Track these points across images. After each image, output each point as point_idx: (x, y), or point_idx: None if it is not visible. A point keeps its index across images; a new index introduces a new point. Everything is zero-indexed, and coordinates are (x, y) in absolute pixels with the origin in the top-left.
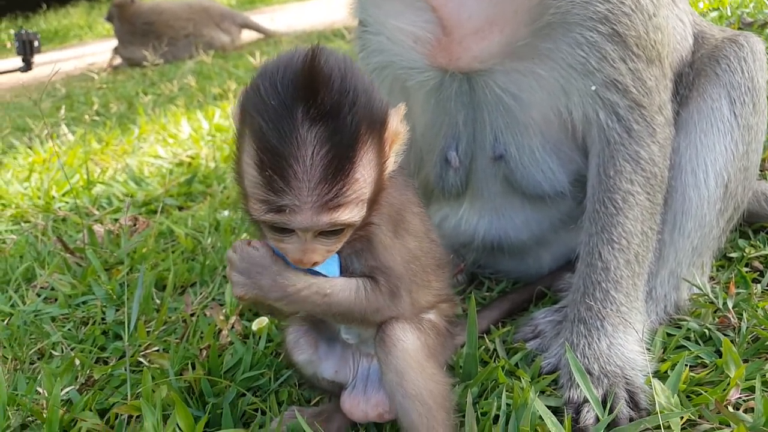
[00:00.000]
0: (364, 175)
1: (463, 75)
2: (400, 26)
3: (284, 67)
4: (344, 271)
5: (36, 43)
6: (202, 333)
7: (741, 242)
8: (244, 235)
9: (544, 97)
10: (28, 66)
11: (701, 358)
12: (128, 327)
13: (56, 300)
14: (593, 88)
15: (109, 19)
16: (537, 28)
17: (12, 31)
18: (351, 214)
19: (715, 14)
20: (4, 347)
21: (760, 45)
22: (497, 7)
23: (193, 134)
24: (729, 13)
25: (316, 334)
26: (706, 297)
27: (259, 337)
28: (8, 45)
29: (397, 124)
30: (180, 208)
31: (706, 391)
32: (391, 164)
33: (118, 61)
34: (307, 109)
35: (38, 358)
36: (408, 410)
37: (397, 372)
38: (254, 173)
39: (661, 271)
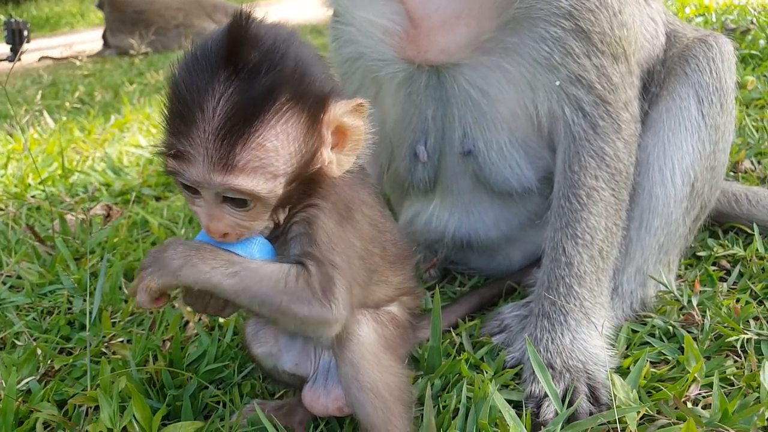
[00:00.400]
0: (276, 146)
1: (432, 68)
2: (369, 18)
3: (220, 30)
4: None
5: (25, 33)
6: (167, 324)
7: (710, 241)
8: None
9: (511, 92)
10: (15, 55)
11: (664, 354)
12: (90, 317)
13: (22, 289)
14: (557, 83)
15: (100, 6)
16: (503, 22)
17: (2, 17)
18: (252, 183)
19: (700, 19)
20: None
21: (728, 46)
22: (464, 1)
23: None
24: (714, 19)
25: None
26: (672, 294)
27: (226, 329)
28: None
29: (344, 113)
30: (157, 198)
31: (666, 387)
32: (330, 152)
33: (99, 49)
34: (225, 62)
35: (1, 347)
36: (363, 403)
37: (352, 365)
38: (163, 116)
39: (628, 268)
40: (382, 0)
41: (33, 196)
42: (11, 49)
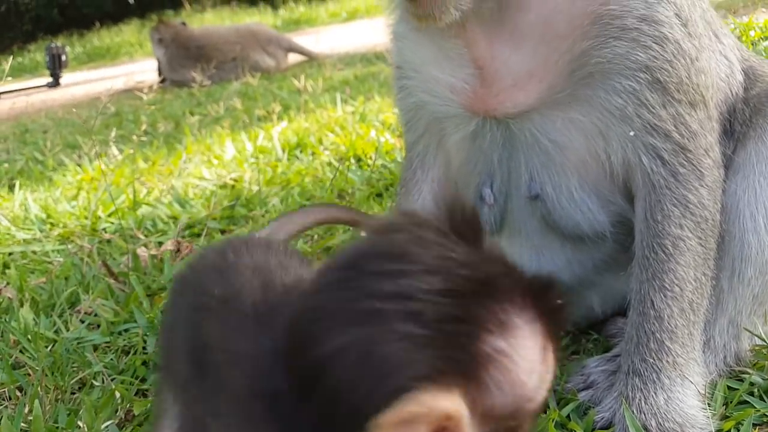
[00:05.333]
0: None
1: (499, 120)
2: (436, 75)
3: None
4: None
5: (64, 58)
6: None
7: None
8: None
9: (582, 140)
10: (56, 81)
11: (767, 416)
12: None
13: (99, 326)
14: (632, 133)
15: (160, 41)
16: (577, 78)
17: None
18: None
19: (767, 43)
20: (47, 376)
21: None
22: (538, 58)
23: (237, 156)
24: None
25: None
26: None
27: None
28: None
29: None
30: (222, 232)
31: None
32: None
33: (158, 80)
34: None
35: (79, 388)
36: None
37: None
38: None
39: (720, 320)
40: (454, 61)
41: (104, 229)
42: (51, 75)
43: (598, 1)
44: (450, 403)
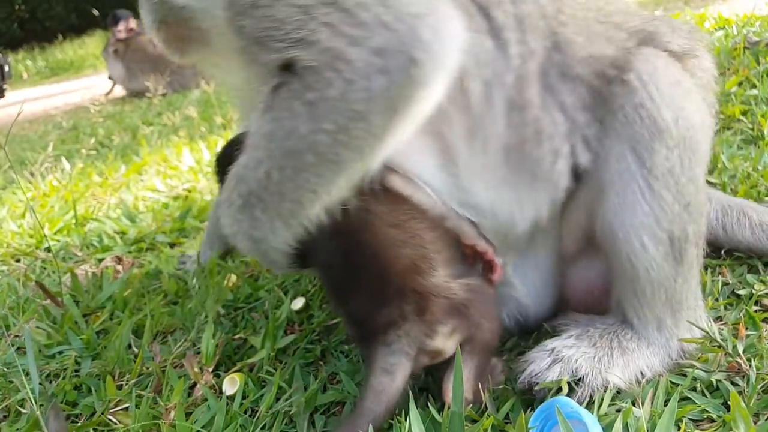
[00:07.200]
0: None
1: None
2: None
3: None
4: None
5: (7, 68)
6: (172, 387)
7: (750, 277)
8: (232, 275)
9: None
10: (1, 93)
11: (708, 411)
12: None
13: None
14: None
15: (116, 52)
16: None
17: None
18: None
19: (720, 33)
20: None
21: (656, 75)
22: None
23: (193, 166)
24: (735, 32)
25: None
26: (714, 342)
27: (235, 394)
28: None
29: None
30: (172, 245)
31: None
32: None
33: (122, 92)
34: None
35: (4, 417)
36: None
37: None
38: None
39: (649, 327)
40: None
41: (47, 248)
42: None
43: None
44: None
